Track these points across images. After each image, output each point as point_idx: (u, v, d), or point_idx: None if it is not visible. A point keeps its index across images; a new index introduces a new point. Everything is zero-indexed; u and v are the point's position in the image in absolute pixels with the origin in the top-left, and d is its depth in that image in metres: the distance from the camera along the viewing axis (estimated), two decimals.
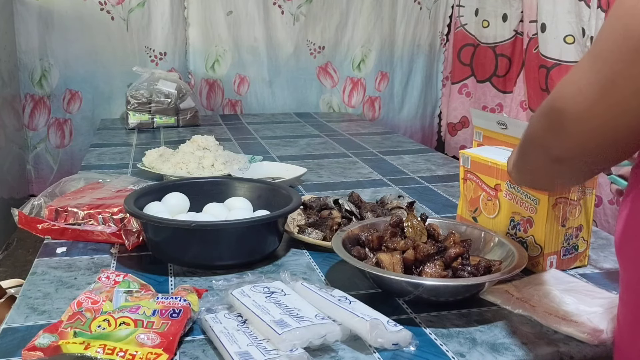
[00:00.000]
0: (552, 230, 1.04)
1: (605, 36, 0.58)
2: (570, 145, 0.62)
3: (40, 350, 0.77)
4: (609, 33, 0.57)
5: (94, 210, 1.20)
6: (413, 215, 1.05)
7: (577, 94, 0.59)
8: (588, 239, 1.10)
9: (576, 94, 0.59)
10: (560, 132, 0.62)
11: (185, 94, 2.43)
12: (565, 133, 0.61)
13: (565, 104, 0.60)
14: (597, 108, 0.58)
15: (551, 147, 0.64)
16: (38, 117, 2.71)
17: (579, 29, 2.32)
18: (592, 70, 0.58)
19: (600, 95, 0.57)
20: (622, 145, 0.60)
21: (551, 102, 0.63)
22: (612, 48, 0.56)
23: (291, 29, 2.90)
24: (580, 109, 0.59)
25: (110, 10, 2.65)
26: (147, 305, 0.86)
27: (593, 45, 0.59)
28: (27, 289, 0.99)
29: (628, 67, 0.54)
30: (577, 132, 0.60)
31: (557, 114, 0.62)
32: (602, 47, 0.58)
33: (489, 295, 0.95)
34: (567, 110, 0.60)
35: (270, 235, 1.11)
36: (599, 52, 0.58)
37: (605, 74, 0.56)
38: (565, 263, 1.07)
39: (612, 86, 0.56)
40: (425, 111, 3.25)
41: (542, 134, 0.66)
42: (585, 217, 1.08)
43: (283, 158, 1.89)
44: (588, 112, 0.58)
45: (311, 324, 0.80)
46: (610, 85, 0.56)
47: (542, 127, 0.66)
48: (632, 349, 0.64)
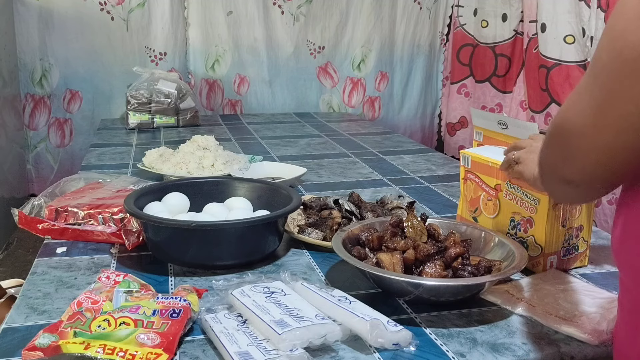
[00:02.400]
0: (552, 230, 1.04)
1: (600, 56, 0.57)
2: (578, 168, 0.61)
3: (40, 350, 0.77)
4: (604, 54, 0.57)
5: (94, 210, 1.20)
6: (413, 215, 1.05)
7: (579, 112, 0.59)
8: (588, 239, 1.10)
9: (578, 113, 0.59)
10: (567, 153, 0.61)
11: (185, 94, 2.43)
12: (572, 154, 0.61)
13: (569, 124, 0.60)
14: (599, 126, 0.57)
15: (561, 170, 0.64)
16: (38, 116, 2.71)
17: (579, 29, 2.32)
18: (591, 89, 0.58)
19: (600, 114, 0.57)
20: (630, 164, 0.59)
21: (556, 122, 0.63)
22: (607, 70, 0.56)
23: (291, 29, 2.90)
24: (582, 127, 0.58)
25: (110, 10, 2.65)
26: (147, 305, 0.86)
27: (591, 63, 0.59)
28: (27, 289, 0.99)
29: (623, 89, 0.55)
30: (583, 153, 0.59)
31: (562, 134, 0.61)
32: (598, 68, 0.58)
33: (489, 295, 0.95)
34: (570, 129, 0.60)
35: (270, 235, 1.11)
36: (597, 72, 0.58)
37: (602, 94, 0.56)
38: (566, 263, 1.07)
39: (610, 105, 0.56)
40: (425, 111, 3.25)
41: (552, 159, 0.65)
42: (585, 217, 1.08)
43: (283, 158, 1.89)
44: (590, 130, 0.58)
45: (311, 324, 0.80)
46: (607, 104, 0.56)
47: (551, 152, 0.65)
48: (632, 349, 0.64)
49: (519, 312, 0.91)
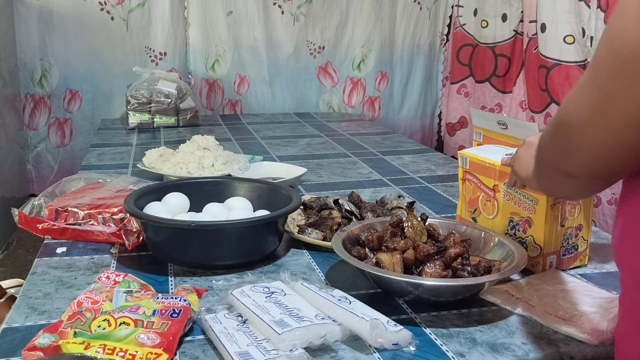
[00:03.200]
0: (551, 230, 1.04)
1: (599, 55, 0.57)
2: (578, 163, 0.61)
3: (40, 350, 0.77)
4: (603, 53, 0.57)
5: (94, 210, 1.20)
6: (413, 215, 1.05)
7: (579, 107, 0.59)
8: (588, 238, 1.10)
9: (578, 107, 0.59)
10: (568, 149, 0.61)
11: (185, 94, 2.43)
12: (572, 150, 0.61)
13: (569, 118, 0.60)
14: (598, 122, 0.57)
15: (561, 164, 0.64)
16: (38, 116, 2.71)
17: (579, 29, 2.32)
18: (592, 85, 0.58)
19: (600, 113, 0.57)
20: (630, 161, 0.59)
21: (557, 117, 0.63)
22: (606, 70, 0.56)
23: (291, 29, 2.90)
24: (582, 122, 0.58)
25: (110, 10, 2.66)
26: (147, 305, 0.86)
27: (591, 62, 0.59)
28: (27, 289, 0.99)
29: (622, 89, 0.54)
30: (583, 149, 0.60)
31: (562, 127, 0.62)
32: (598, 67, 0.58)
33: (489, 296, 0.95)
34: (570, 123, 0.60)
35: (270, 235, 1.11)
36: (597, 72, 0.58)
37: (601, 94, 0.56)
38: (565, 263, 1.07)
39: (609, 105, 0.56)
40: (425, 111, 3.25)
41: (552, 152, 0.65)
42: (584, 217, 1.08)
43: (283, 158, 1.89)
44: (590, 126, 0.58)
45: (311, 324, 0.80)
46: (607, 104, 0.56)
47: (552, 145, 0.65)
48: (632, 350, 0.64)
49: (518, 312, 0.91)
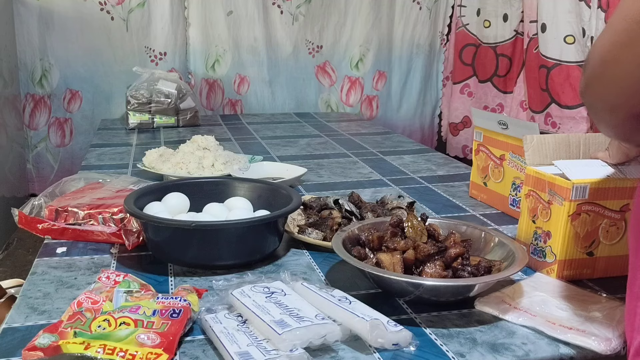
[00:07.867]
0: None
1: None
2: (613, 90, 0.63)
3: (41, 350, 0.77)
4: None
5: (94, 210, 1.20)
6: (413, 215, 1.05)
7: (612, 35, 0.61)
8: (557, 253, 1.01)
9: (611, 35, 0.62)
10: (601, 75, 0.63)
11: (185, 94, 2.43)
12: (605, 76, 0.63)
13: (602, 50, 0.63)
14: (629, 53, 0.59)
15: (599, 94, 0.65)
16: (38, 116, 2.71)
17: (579, 29, 2.32)
18: (619, 18, 0.60)
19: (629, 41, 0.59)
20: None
21: (589, 54, 0.65)
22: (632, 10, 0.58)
23: (290, 29, 2.90)
24: (615, 51, 0.61)
25: (110, 10, 2.65)
26: (147, 305, 0.86)
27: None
28: (27, 289, 0.99)
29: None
30: (616, 76, 0.62)
31: (595, 61, 0.64)
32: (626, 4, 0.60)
33: (485, 307, 0.92)
34: (602, 55, 0.63)
35: (270, 235, 1.11)
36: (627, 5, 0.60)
37: (630, 26, 0.58)
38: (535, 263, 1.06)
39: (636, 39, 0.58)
40: (424, 111, 3.25)
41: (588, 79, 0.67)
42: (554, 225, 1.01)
43: (283, 158, 1.89)
44: (622, 53, 0.60)
45: (311, 324, 0.80)
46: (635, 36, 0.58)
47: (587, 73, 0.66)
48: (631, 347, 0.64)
49: (520, 322, 0.88)
